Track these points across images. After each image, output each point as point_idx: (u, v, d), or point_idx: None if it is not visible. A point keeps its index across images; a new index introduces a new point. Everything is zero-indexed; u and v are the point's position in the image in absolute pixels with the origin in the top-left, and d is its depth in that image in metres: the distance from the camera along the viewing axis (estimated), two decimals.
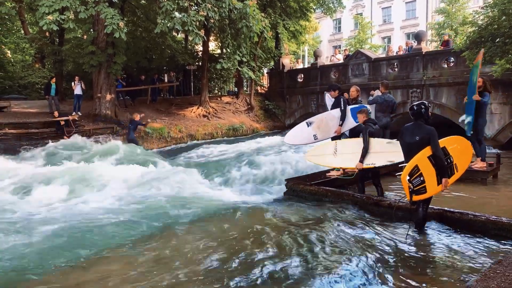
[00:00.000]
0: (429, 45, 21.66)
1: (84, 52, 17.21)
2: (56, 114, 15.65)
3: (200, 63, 23.78)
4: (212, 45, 26.89)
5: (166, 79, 25.40)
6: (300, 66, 27.41)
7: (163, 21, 14.28)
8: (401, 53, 20.47)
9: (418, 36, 17.81)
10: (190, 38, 16.59)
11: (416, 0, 40.66)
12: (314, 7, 25.74)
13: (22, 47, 24.63)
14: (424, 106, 5.14)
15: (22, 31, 23.74)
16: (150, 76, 22.66)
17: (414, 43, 18.56)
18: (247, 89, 25.17)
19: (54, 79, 17.63)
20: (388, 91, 9.14)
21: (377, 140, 6.94)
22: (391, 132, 9.10)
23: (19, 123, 15.01)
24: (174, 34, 23.06)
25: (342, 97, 8.27)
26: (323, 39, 46.97)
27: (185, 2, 14.30)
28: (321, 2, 24.95)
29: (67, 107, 18.02)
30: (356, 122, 8.10)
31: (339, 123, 8.12)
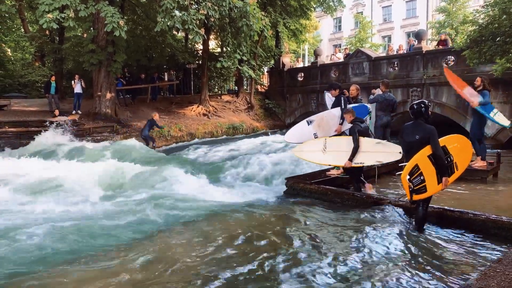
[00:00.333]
0: (429, 44, 21.64)
1: (84, 51, 17.23)
2: (57, 112, 15.65)
3: (200, 62, 23.77)
4: (212, 43, 26.88)
5: (166, 78, 25.40)
6: (300, 65, 27.41)
7: (163, 19, 14.27)
8: (401, 52, 20.45)
9: (419, 35, 17.79)
10: (190, 36, 16.60)
11: None
12: (315, 6, 25.72)
13: (22, 45, 24.62)
14: (424, 105, 5.13)
15: (22, 30, 23.73)
16: (150, 74, 22.66)
17: (415, 42, 18.55)
18: (247, 88, 25.16)
19: (53, 77, 17.62)
20: (388, 90, 9.14)
21: (366, 139, 7.07)
22: (391, 131, 9.11)
23: (19, 121, 15.03)
24: (174, 32, 23.08)
25: (343, 96, 8.27)
26: (323, 38, 46.95)
27: (185, 1, 14.29)
28: (321, 0, 24.95)
29: (67, 105, 18.03)
30: None
31: (339, 122, 8.12)
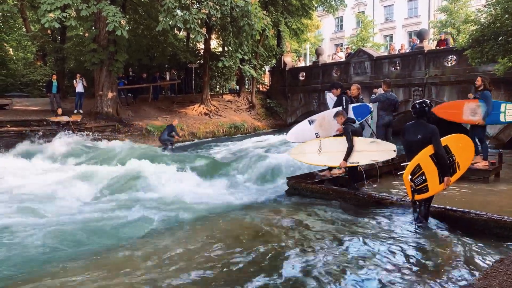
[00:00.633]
0: (431, 43, 21.61)
1: (85, 50, 17.24)
2: (59, 111, 15.64)
3: (201, 61, 23.78)
4: (214, 43, 26.87)
5: (167, 77, 25.40)
6: (302, 64, 27.42)
7: (164, 19, 14.27)
8: (403, 51, 20.42)
9: (420, 35, 17.75)
10: (191, 36, 16.65)
11: None
12: (316, 5, 25.69)
13: (24, 44, 24.64)
14: (427, 105, 5.12)
15: (24, 29, 23.75)
16: (151, 74, 22.67)
17: (417, 41, 18.52)
18: (249, 87, 25.16)
19: (54, 76, 17.62)
20: (390, 89, 9.12)
21: (360, 138, 7.17)
22: (393, 130, 9.09)
23: (21, 120, 15.05)
24: (176, 32, 23.07)
25: (344, 95, 8.25)
26: (325, 37, 46.87)
27: (187, 0, 14.29)
28: (323, 0, 24.90)
29: (69, 104, 18.04)
30: (358, 120, 8.10)
31: None
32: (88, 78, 18.49)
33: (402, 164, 5.19)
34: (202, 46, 23.84)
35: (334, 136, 7.79)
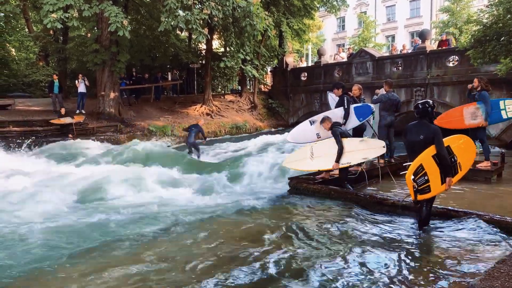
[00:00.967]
0: (433, 44, 21.56)
1: (88, 50, 17.28)
2: (62, 111, 15.66)
3: (203, 62, 23.81)
4: (216, 43, 26.90)
5: (169, 78, 25.46)
6: (304, 65, 27.40)
7: (166, 19, 14.30)
8: (405, 51, 20.41)
9: (422, 35, 17.74)
10: (193, 36, 16.66)
11: None
12: (318, 5, 25.70)
13: (26, 45, 24.69)
14: (429, 105, 5.10)
15: (27, 29, 23.82)
16: (153, 74, 22.70)
17: (419, 42, 18.50)
18: (251, 87, 25.18)
19: (55, 76, 17.64)
20: (392, 90, 9.10)
21: (349, 139, 7.45)
22: (395, 130, 9.07)
23: (23, 121, 15.09)
24: (178, 32, 23.08)
25: (346, 95, 8.23)
26: (327, 38, 46.86)
27: (188, 1, 14.31)
28: (325, 0, 24.91)
29: (71, 105, 18.08)
30: (360, 120, 8.08)
31: (342, 121, 8.09)
32: (90, 78, 18.55)
33: (404, 164, 5.18)
34: (204, 47, 23.87)
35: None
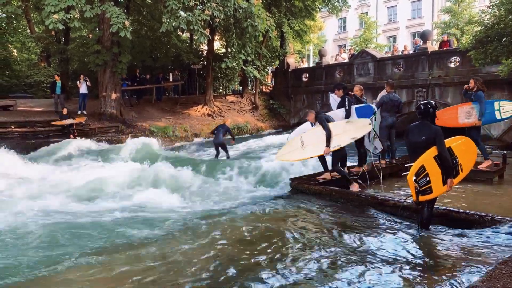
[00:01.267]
0: (434, 44, 21.56)
1: (89, 51, 17.31)
2: (65, 111, 15.69)
3: (205, 62, 23.84)
4: (217, 44, 26.93)
5: (171, 78, 25.47)
6: (305, 66, 27.39)
7: (168, 20, 14.32)
8: (406, 52, 20.40)
9: (424, 36, 17.72)
10: (195, 37, 16.67)
11: None
12: (320, 6, 25.71)
13: (28, 46, 24.79)
14: (431, 106, 5.10)
15: (28, 30, 23.89)
16: (155, 75, 22.72)
17: (420, 42, 18.50)
18: (252, 88, 25.18)
19: (57, 77, 17.69)
20: (393, 91, 9.08)
21: (335, 123, 7.66)
22: (396, 131, 9.06)
23: (25, 121, 15.12)
24: (179, 33, 23.14)
25: (348, 96, 8.22)
26: (328, 38, 46.88)
27: (190, 1, 14.33)
28: (326, 1, 24.92)
29: (72, 105, 18.12)
30: None
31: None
32: (91, 79, 18.59)
33: (406, 165, 5.17)
34: (206, 47, 23.90)
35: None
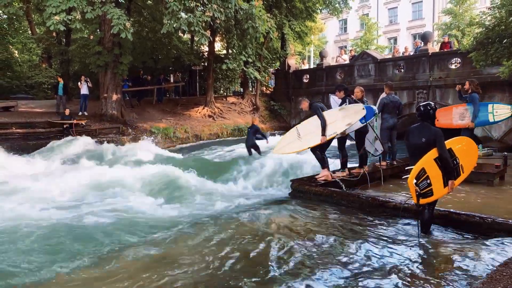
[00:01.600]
0: (435, 46, 21.57)
1: (90, 52, 17.33)
2: (67, 111, 15.69)
3: (205, 64, 23.87)
4: (218, 45, 26.96)
5: (172, 80, 25.50)
6: (306, 67, 27.40)
7: (169, 21, 14.33)
8: (407, 54, 20.41)
9: (425, 37, 17.74)
10: (196, 38, 16.65)
11: (422, 1, 40.47)
12: (320, 8, 25.73)
13: (29, 47, 24.80)
14: (431, 107, 5.09)
15: (29, 31, 23.92)
16: (156, 76, 22.74)
17: (421, 44, 18.50)
18: (253, 89, 25.19)
19: (60, 78, 17.72)
20: (393, 92, 9.08)
21: (329, 111, 7.76)
22: (397, 133, 9.05)
23: (26, 122, 15.13)
24: (180, 34, 23.17)
25: (349, 98, 8.21)
26: (329, 40, 46.91)
27: (191, 3, 14.34)
28: (327, 2, 24.94)
29: (74, 106, 18.13)
30: (362, 123, 8.06)
31: None
32: (92, 80, 18.62)
33: (406, 168, 5.17)
34: (206, 49, 23.92)
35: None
